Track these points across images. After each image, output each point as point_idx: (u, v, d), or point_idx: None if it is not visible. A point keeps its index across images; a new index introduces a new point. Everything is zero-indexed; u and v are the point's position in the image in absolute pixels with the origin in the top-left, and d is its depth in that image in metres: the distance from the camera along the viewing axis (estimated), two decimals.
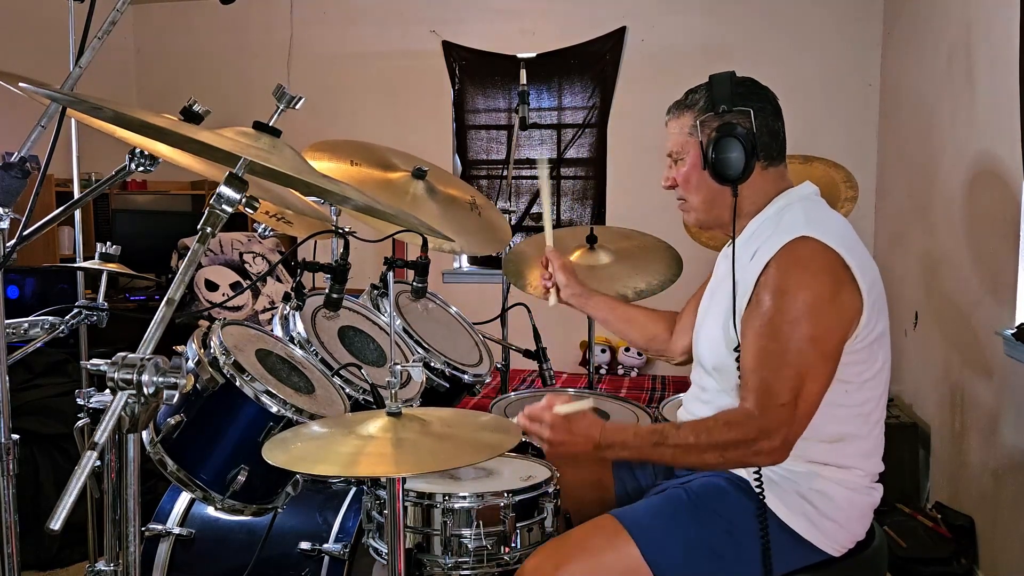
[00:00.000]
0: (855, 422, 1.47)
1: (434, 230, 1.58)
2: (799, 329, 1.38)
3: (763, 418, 1.37)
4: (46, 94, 1.17)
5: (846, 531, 1.48)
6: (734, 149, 1.47)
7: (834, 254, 1.40)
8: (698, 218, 1.60)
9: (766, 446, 1.37)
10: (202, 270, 4.09)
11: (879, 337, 1.46)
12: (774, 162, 1.54)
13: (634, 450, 1.46)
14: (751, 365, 1.41)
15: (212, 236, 1.15)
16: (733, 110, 1.49)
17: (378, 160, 2.35)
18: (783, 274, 1.40)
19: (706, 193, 1.55)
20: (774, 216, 1.52)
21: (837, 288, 1.40)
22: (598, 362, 4.93)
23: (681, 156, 1.57)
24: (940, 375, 3.27)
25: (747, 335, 1.43)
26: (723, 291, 1.54)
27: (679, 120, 1.57)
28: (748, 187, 1.52)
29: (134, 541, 1.12)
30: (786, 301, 1.39)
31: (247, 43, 5.49)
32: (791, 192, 1.55)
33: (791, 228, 1.44)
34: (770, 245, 1.44)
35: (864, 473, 1.49)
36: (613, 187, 5.14)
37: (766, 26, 4.81)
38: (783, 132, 1.55)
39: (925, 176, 3.60)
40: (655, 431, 1.45)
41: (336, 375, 1.82)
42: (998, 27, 2.71)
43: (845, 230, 1.48)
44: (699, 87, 1.56)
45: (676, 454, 1.43)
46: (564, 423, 1.47)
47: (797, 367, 1.37)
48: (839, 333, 1.40)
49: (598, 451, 1.46)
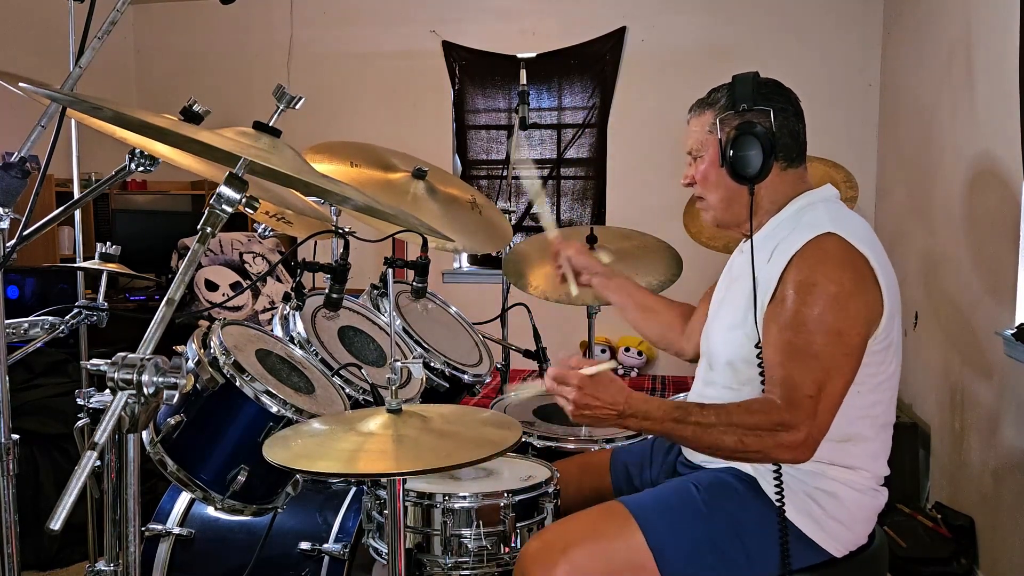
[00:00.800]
0: (864, 423, 1.46)
1: (434, 230, 1.58)
2: (825, 323, 1.37)
3: (787, 410, 1.35)
4: (46, 94, 1.17)
5: (851, 532, 1.48)
6: (752, 147, 1.47)
7: (858, 253, 1.40)
8: (716, 216, 1.59)
9: (788, 439, 1.35)
10: (202, 270, 4.09)
11: (894, 341, 1.46)
12: (793, 163, 1.53)
13: (655, 422, 1.43)
14: (776, 359, 1.40)
15: (212, 236, 1.15)
16: (753, 109, 1.48)
17: (378, 161, 2.35)
18: (809, 269, 1.40)
19: (724, 192, 1.55)
20: (793, 216, 1.51)
21: (862, 286, 1.40)
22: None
23: (700, 154, 1.57)
24: (940, 375, 3.27)
25: (771, 330, 1.42)
26: (739, 288, 1.53)
27: (700, 118, 1.56)
28: (766, 187, 1.52)
29: (134, 541, 1.12)
30: (812, 295, 1.38)
31: (247, 43, 5.49)
32: (812, 193, 1.54)
33: (815, 225, 1.44)
34: (791, 242, 1.44)
35: (870, 475, 1.49)
36: (613, 187, 5.14)
37: (766, 26, 4.81)
38: (804, 134, 1.54)
39: (925, 176, 3.60)
40: (679, 407, 1.43)
41: (336, 375, 1.82)
42: (998, 27, 2.71)
43: (867, 231, 1.47)
44: (722, 86, 1.55)
45: (696, 432, 1.41)
46: (591, 385, 1.43)
47: (822, 361, 1.36)
48: (863, 330, 1.40)
49: (621, 419, 1.44)
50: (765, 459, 1.42)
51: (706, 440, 1.42)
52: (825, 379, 1.36)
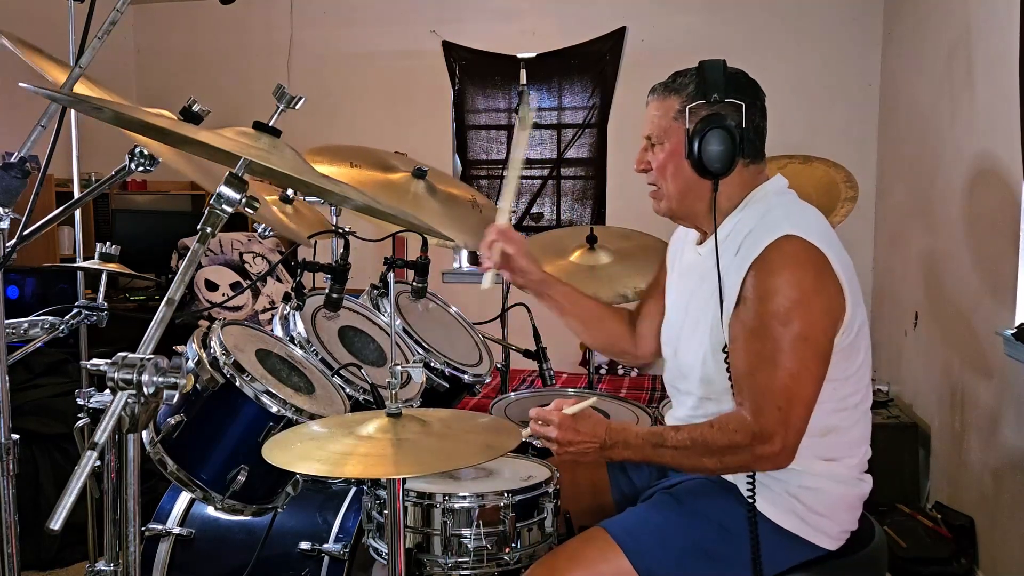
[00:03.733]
0: (841, 415, 1.46)
1: (434, 229, 1.59)
2: (790, 329, 1.36)
3: (758, 423, 1.36)
4: (46, 94, 1.17)
5: (835, 523, 1.48)
6: (722, 142, 1.43)
7: (818, 251, 1.38)
8: (669, 207, 1.55)
9: (766, 451, 1.36)
10: (202, 270, 4.09)
11: (860, 329, 1.45)
12: (755, 160, 1.50)
13: (636, 450, 1.45)
14: (744, 369, 1.40)
15: (212, 236, 1.15)
16: (724, 101, 1.44)
17: (378, 161, 2.36)
18: (769, 275, 1.38)
19: (682, 183, 1.50)
20: (751, 214, 1.48)
21: (823, 285, 1.39)
22: (598, 362, 4.92)
23: (661, 141, 1.51)
24: (940, 375, 3.27)
25: (738, 338, 1.41)
26: (703, 298, 1.50)
27: (664, 103, 1.50)
28: (727, 183, 1.48)
29: (134, 541, 1.12)
30: (775, 302, 1.37)
31: (247, 43, 5.49)
32: (764, 187, 1.51)
33: (772, 227, 1.41)
34: (751, 245, 1.42)
35: (854, 463, 1.49)
36: (613, 187, 5.14)
37: (766, 26, 4.80)
38: (765, 131, 1.51)
39: (925, 176, 3.60)
40: (654, 432, 1.45)
41: (336, 375, 1.82)
42: (998, 27, 2.71)
43: (822, 224, 1.46)
44: (688, 71, 1.49)
45: (676, 456, 1.43)
46: (571, 423, 1.46)
47: (790, 368, 1.36)
48: (829, 331, 1.39)
49: (604, 451, 1.46)
50: (748, 471, 1.43)
51: (687, 463, 1.44)
52: (794, 386, 1.36)
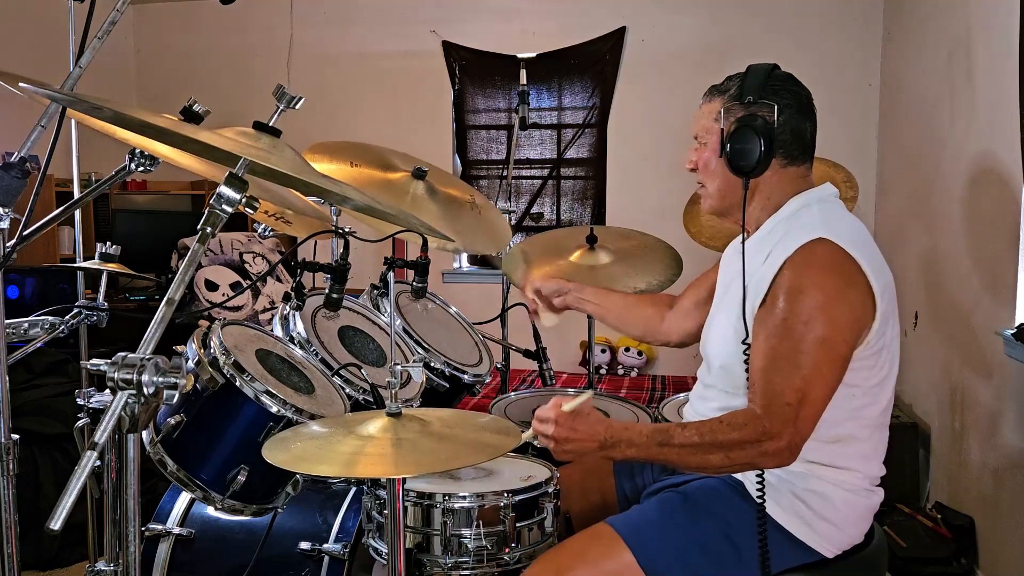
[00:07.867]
0: (854, 424, 1.46)
1: (434, 230, 1.59)
2: (812, 331, 1.37)
3: (767, 419, 1.36)
4: (46, 94, 1.17)
5: (842, 532, 1.48)
6: (749, 140, 1.46)
7: (849, 257, 1.40)
8: (712, 205, 1.60)
9: (772, 447, 1.36)
10: (202, 270, 4.09)
11: (889, 343, 1.45)
12: (795, 162, 1.52)
13: (639, 449, 1.44)
14: (760, 365, 1.40)
15: (212, 236, 1.15)
16: (758, 102, 1.48)
17: (378, 160, 2.36)
18: (798, 275, 1.40)
19: (721, 182, 1.55)
20: (790, 216, 1.51)
21: (850, 291, 1.39)
22: (598, 362, 4.92)
23: (704, 141, 1.57)
24: (940, 375, 3.27)
25: (759, 335, 1.43)
26: (734, 292, 1.53)
27: (710, 104, 1.56)
28: (764, 183, 1.52)
29: (134, 541, 1.12)
30: (800, 302, 1.38)
31: (247, 43, 5.48)
32: (810, 193, 1.53)
33: (807, 229, 1.43)
34: (784, 246, 1.43)
35: (863, 475, 1.49)
36: (613, 187, 5.14)
37: (766, 26, 4.80)
38: (810, 133, 1.53)
39: (925, 176, 3.60)
40: (660, 430, 1.44)
41: (336, 375, 1.82)
42: (998, 27, 2.71)
43: (860, 234, 1.47)
44: (736, 75, 1.55)
45: (681, 454, 1.42)
46: (569, 420, 1.45)
47: (805, 369, 1.36)
48: (851, 337, 1.40)
49: (603, 449, 1.45)
50: (752, 468, 1.43)
51: (693, 461, 1.43)
52: (806, 387, 1.36)
